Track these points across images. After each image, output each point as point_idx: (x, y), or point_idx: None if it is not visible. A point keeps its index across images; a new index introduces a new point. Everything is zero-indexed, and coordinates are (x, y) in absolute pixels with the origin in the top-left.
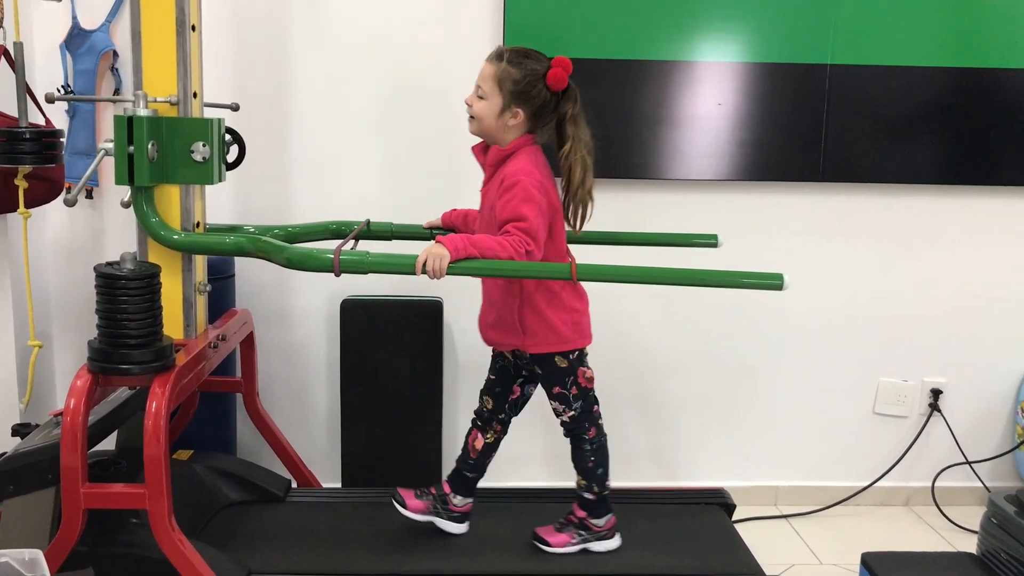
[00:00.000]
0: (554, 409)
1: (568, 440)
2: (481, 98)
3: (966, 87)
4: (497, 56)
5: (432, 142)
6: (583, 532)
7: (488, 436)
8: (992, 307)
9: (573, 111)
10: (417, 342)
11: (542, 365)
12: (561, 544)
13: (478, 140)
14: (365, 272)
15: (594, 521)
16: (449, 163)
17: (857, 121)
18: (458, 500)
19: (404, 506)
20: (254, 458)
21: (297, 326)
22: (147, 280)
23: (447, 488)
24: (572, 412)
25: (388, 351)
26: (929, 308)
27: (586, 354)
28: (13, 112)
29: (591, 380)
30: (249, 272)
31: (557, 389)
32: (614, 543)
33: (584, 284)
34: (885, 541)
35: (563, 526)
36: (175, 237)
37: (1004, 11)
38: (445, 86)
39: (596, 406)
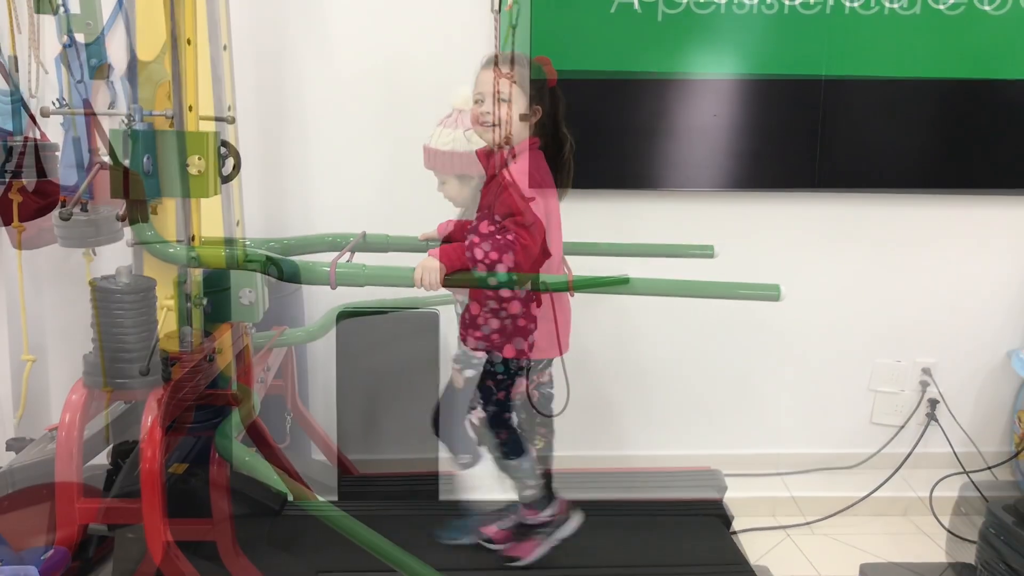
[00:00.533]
0: (471, 403)
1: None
2: (505, 101)
3: (954, 98)
4: (508, 61)
5: None
6: (542, 530)
7: (538, 443)
8: (989, 316)
9: (562, 111)
10: (413, 354)
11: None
12: (529, 551)
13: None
14: (362, 285)
15: (545, 514)
16: None
17: (850, 132)
18: (548, 512)
19: (521, 556)
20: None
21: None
22: (142, 294)
23: (533, 513)
24: (483, 414)
25: (384, 362)
26: (926, 316)
27: (541, 369)
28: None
29: (520, 395)
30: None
31: (490, 382)
32: (574, 523)
33: (581, 293)
34: (883, 552)
35: (521, 534)
36: (170, 251)
37: (993, 24)
38: (441, 97)
39: (509, 413)
